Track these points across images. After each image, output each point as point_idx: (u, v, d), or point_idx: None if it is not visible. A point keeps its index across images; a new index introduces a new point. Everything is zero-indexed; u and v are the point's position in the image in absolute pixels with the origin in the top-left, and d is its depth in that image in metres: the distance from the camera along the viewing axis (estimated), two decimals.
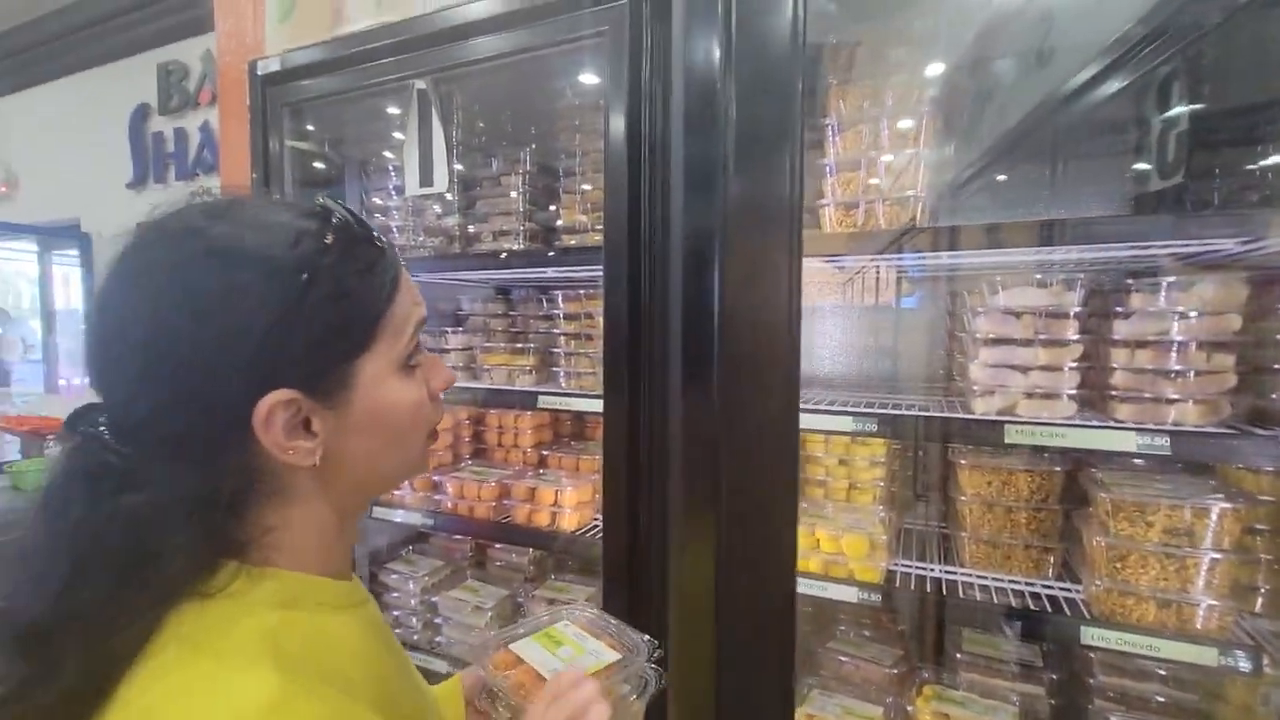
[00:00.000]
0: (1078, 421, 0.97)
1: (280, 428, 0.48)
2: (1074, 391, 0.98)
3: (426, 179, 1.15)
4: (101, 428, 0.48)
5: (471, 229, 1.51)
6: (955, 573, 1.11)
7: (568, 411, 1.66)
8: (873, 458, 1.23)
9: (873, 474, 1.19)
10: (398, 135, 1.24)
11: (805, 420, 1.01)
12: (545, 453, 1.58)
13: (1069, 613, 0.98)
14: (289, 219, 0.51)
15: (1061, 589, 1.03)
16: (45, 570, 0.45)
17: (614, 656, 0.66)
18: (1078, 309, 0.98)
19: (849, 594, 1.09)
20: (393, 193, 1.51)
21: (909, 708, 1.10)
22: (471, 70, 1.04)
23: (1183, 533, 0.90)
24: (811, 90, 1.04)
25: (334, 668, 0.50)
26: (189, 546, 0.46)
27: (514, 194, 1.45)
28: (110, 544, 0.45)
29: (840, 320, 1.43)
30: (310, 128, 1.30)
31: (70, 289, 4.02)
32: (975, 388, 1.02)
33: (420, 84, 1.10)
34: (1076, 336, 0.98)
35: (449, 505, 1.43)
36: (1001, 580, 1.07)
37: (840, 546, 1.10)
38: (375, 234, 0.55)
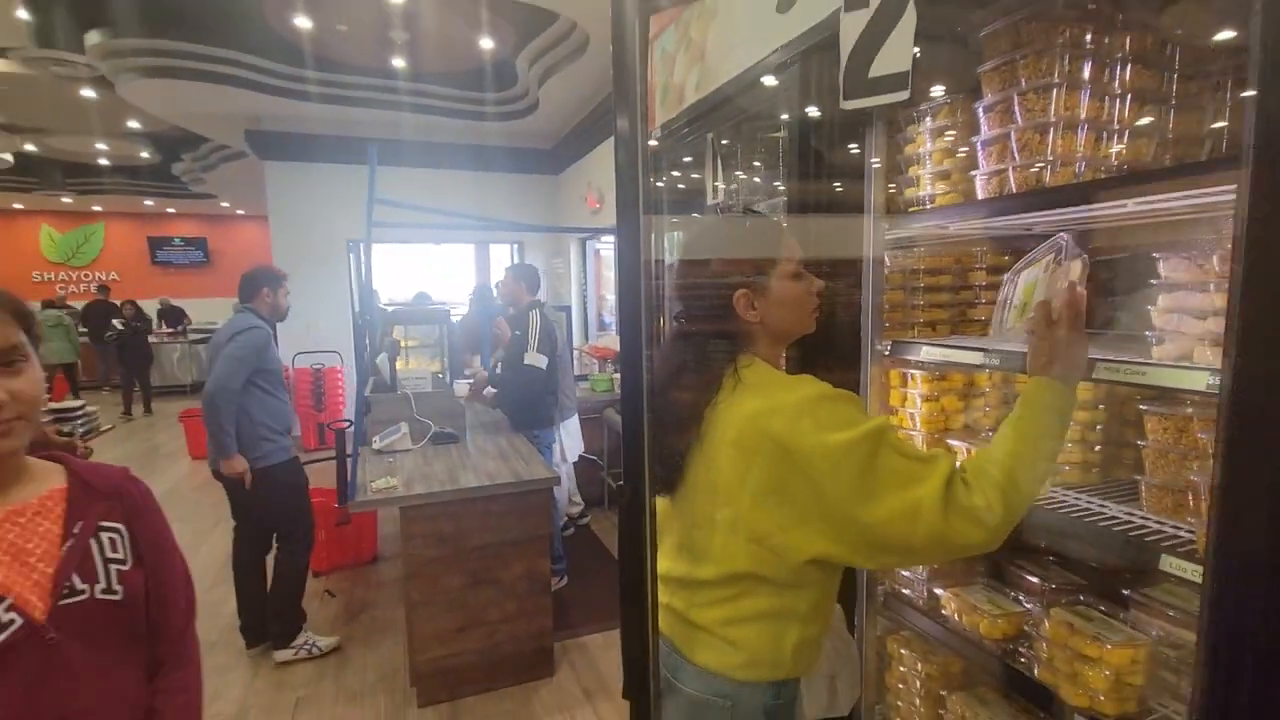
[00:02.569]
0: None
1: (743, 305, 1.06)
2: None
3: (713, 195, 1.78)
4: (681, 316, 1.16)
5: None
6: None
7: None
8: None
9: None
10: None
11: None
12: None
13: None
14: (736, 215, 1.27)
15: None
16: (667, 362, 1.13)
17: None
18: None
19: None
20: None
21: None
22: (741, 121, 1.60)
23: None
24: None
25: None
26: (724, 352, 1.06)
27: None
28: (690, 354, 1.09)
29: None
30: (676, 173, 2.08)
31: None
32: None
33: (710, 134, 1.72)
34: None
35: None
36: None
37: None
38: (768, 214, 1.24)
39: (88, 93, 6.37)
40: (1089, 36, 1.07)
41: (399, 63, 5.64)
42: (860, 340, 1.43)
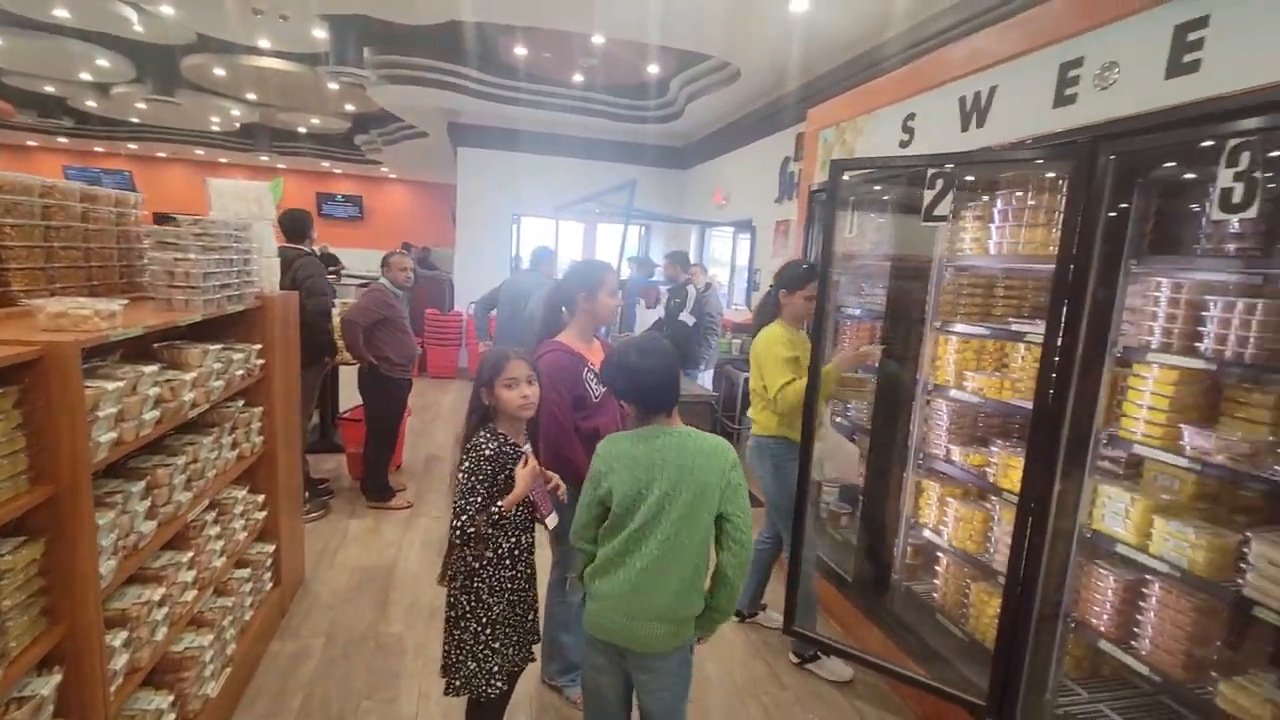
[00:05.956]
0: None
1: (783, 299, 2.70)
2: None
3: (849, 232, 3.11)
4: (776, 288, 2.77)
5: None
6: None
7: None
8: None
9: None
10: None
11: None
12: None
13: None
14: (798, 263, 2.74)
15: None
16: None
17: None
18: None
19: None
20: None
21: None
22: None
23: None
24: None
25: None
26: (770, 318, 2.76)
27: None
28: (764, 316, 2.79)
29: None
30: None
31: (740, 257, 7.43)
32: None
33: (852, 197, 3.05)
34: None
35: None
36: None
37: None
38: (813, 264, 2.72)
39: (334, 86, 8.21)
40: (1037, 186, 2.35)
41: (578, 77, 7.12)
42: (924, 317, 2.76)
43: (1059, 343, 1.98)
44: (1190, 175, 1.98)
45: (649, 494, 1.59)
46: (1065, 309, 1.96)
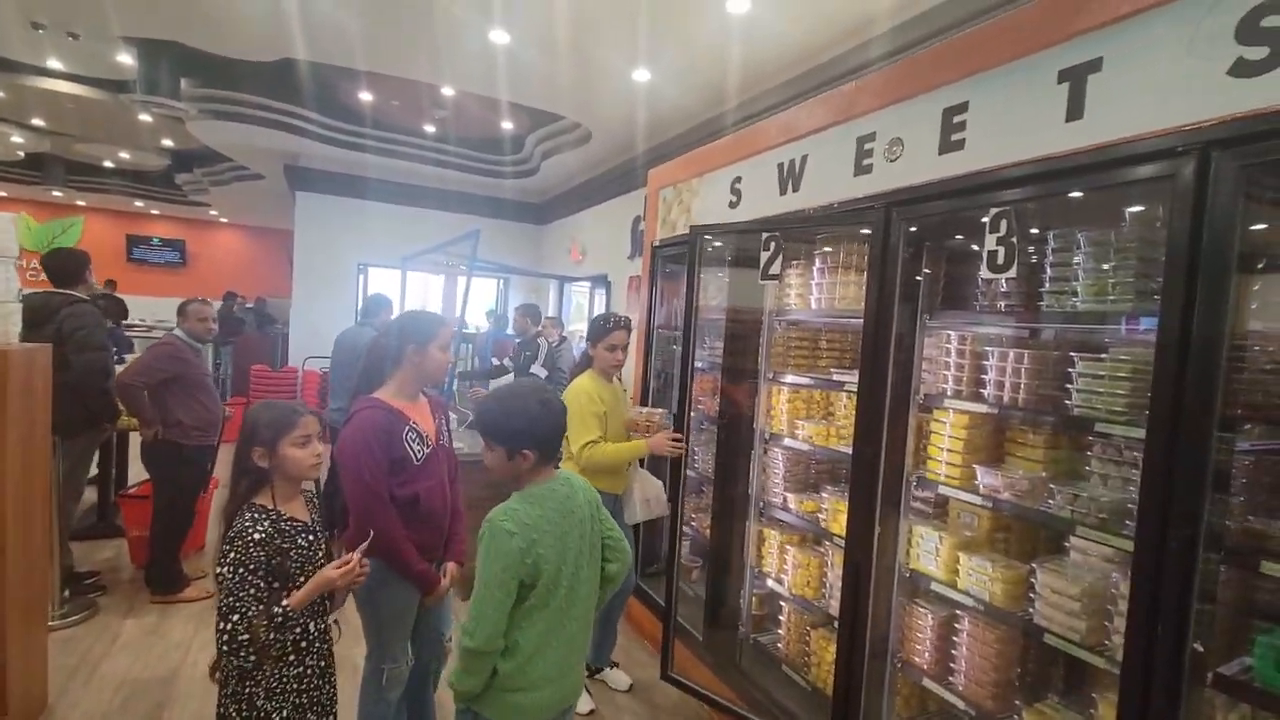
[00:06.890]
0: None
1: (591, 350, 2.76)
2: None
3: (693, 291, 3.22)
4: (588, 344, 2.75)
5: None
6: None
7: None
8: None
9: None
10: None
11: None
12: None
13: None
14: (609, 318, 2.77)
15: None
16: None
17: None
18: None
19: None
20: None
21: None
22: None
23: None
24: None
25: None
26: (584, 368, 2.79)
27: None
28: (580, 364, 2.85)
29: None
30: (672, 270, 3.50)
31: (597, 307, 7.48)
32: None
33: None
34: None
35: None
36: None
37: None
38: (629, 321, 2.73)
39: (146, 117, 7.35)
40: (846, 247, 2.55)
41: (430, 128, 6.95)
42: (759, 369, 2.85)
43: (871, 391, 2.10)
44: (969, 240, 2.23)
45: (569, 552, 1.51)
46: (874, 360, 2.09)
